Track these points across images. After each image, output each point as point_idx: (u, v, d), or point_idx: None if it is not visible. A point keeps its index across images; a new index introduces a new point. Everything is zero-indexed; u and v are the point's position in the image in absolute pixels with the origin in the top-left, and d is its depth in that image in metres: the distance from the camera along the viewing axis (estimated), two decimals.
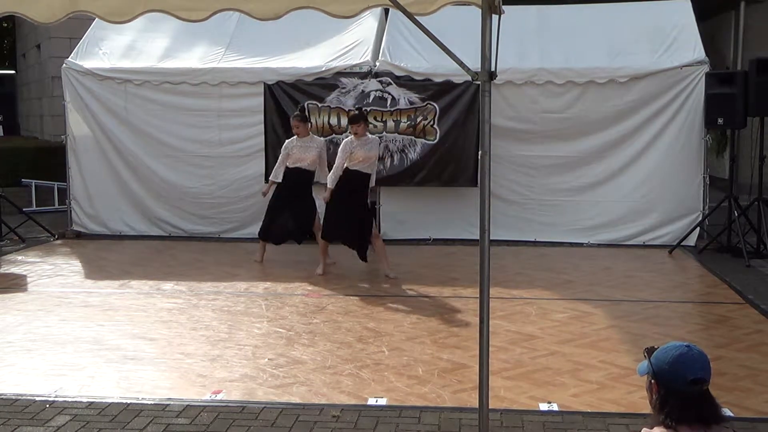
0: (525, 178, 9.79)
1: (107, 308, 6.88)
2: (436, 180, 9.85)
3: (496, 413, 4.42)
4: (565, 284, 7.78)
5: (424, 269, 8.46)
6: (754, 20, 12.98)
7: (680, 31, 9.85)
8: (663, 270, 8.54)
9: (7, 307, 6.90)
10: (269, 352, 5.64)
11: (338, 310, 6.81)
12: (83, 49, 10.49)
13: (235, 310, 6.87)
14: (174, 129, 10.20)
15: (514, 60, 9.55)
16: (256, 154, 10.02)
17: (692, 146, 9.53)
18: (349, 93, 9.79)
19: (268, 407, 4.62)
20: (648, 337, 5.91)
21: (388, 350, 5.68)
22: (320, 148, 8.43)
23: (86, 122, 10.36)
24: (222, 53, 10.24)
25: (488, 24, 3.64)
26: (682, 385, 2.40)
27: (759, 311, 6.75)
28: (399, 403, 4.69)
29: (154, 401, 4.72)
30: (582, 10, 10.52)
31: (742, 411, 4.54)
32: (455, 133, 9.72)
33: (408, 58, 9.83)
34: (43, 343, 5.86)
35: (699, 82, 9.38)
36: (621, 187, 9.67)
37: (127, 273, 8.27)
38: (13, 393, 4.85)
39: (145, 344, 5.85)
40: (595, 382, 5.03)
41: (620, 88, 9.51)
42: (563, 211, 9.77)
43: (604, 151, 9.65)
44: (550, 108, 9.65)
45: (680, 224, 9.54)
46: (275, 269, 8.43)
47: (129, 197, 10.42)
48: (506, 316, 6.57)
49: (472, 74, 3.67)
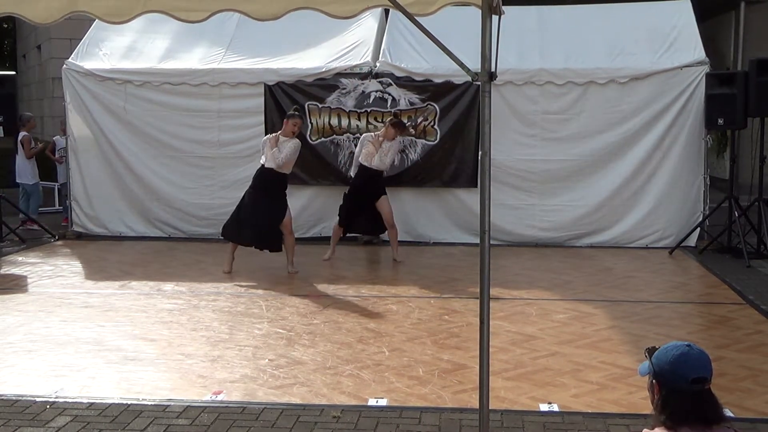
0: (525, 183, 9.77)
1: (107, 309, 6.88)
2: (437, 180, 9.85)
3: (497, 414, 4.42)
4: (565, 285, 7.78)
5: (424, 269, 8.46)
6: (754, 21, 12.99)
7: (680, 32, 9.85)
8: (663, 270, 8.54)
9: (8, 308, 6.90)
10: (270, 353, 5.64)
11: (338, 310, 6.80)
12: (83, 50, 10.50)
13: (236, 310, 6.87)
14: (174, 130, 10.20)
15: (515, 60, 9.55)
16: (257, 155, 9.98)
17: (693, 147, 9.53)
18: (350, 94, 9.79)
19: (269, 408, 4.62)
20: (648, 337, 5.90)
21: (389, 351, 5.68)
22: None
23: (86, 123, 10.37)
24: (222, 54, 10.24)
25: (488, 24, 3.63)
26: (684, 384, 2.39)
27: (759, 312, 6.74)
28: (399, 403, 4.69)
29: (155, 402, 4.72)
30: (582, 10, 10.52)
31: (743, 411, 4.53)
32: (455, 133, 9.72)
33: (408, 59, 9.83)
34: (43, 344, 5.86)
35: (699, 82, 9.38)
36: (621, 188, 9.64)
37: (128, 274, 8.28)
38: (14, 394, 4.85)
39: (145, 345, 5.84)
40: (595, 382, 5.02)
41: (620, 88, 9.51)
42: (564, 212, 9.76)
43: (604, 153, 9.63)
44: (550, 109, 9.65)
45: (681, 225, 9.53)
46: (276, 269, 8.42)
47: (129, 198, 10.42)
48: (507, 316, 6.57)
49: (472, 75, 3.67)
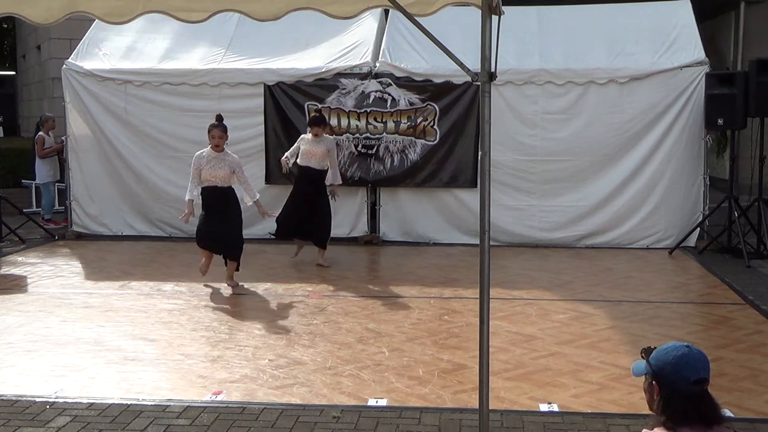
0: (525, 184, 9.77)
1: (107, 309, 6.87)
2: (436, 181, 9.85)
3: (497, 414, 4.42)
4: (565, 285, 7.78)
5: (424, 270, 8.46)
6: (754, 21, 12.98)
7: (680, 32, 9.85)
8: (663, 271, 8.53)
9: (8, 308, 6.90)
10: (269, 353, 5.64)
11: (339, 311, 6.80)
12: (83, 50, 10.50)
13: (236, 311, 6.87)
14: (174, 130, 10.20)
15: (514, 60, 9.55)
16: (257, 155, 10.02)
17: (692, 147, 9.53)
18: (350, 94, 9.79)
19: (269, 408, 4.62)
20: (648, 337, 5.91)
21: (389, 351, 5.68)
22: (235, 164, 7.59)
23: (86, 123, 10.37)
24: (222, 54, 10.24)
25: (488, 25, 3.63)
26: (686, 385, 2.40)
27: (759, 312, 6.74)
28: (399, 403, 4.69)
29: (155, 402, 4.72)
30: (582, 10, 10.52)
31: (743, 411, 4.54)
32: (455, 133, 9.72)
33: (408, 59, 9.83)
34: (43, 344, 5.86)
35: (699, 82, 9.38)
36: (621, 189, 9.64)
37: (128, 274, 8.27)
38: (14, 394, 4.85)
39: (145, 345, 5.84)
40: (595, 382, 5.03)
41: (620, 88, 9.51)
42: (564, 212, 9.75)
43: (604, 153, 9.62)
44: (550, 109, 9.65)
45: (681, 225, 9.53)
46: (276, 270, 8.42)
47: (129, 198, 10.42)
48: (507, 316, 6.57)
49: (472, 75, 3.67)
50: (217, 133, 7.47)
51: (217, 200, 7.50)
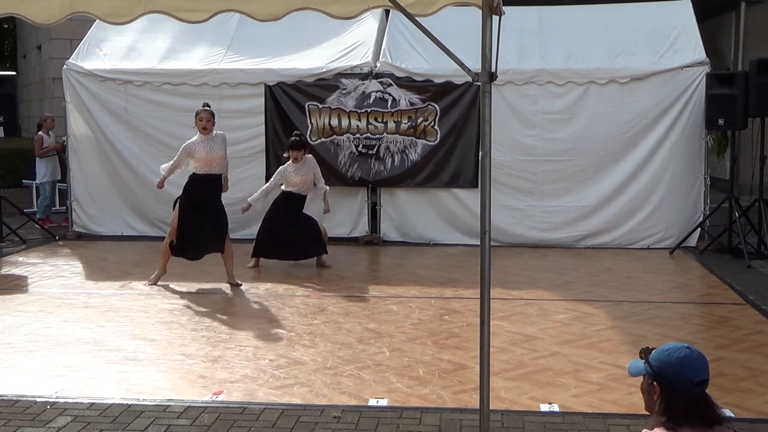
0: (526, 184, 9.77)
1: (108, 309, 6.88)
2: (437, 181, 9.86)
3: (497, 414, 4.42)
4: (565, 285, 7.78)
5: (424, 270, 8.46)
6: (755, 21, 12.98)
7: (681, 32, 9.85)
8: (664, 271, 8.53)
9: (8, 309, 6.90)
10: (270, 353, 5.64)
11: (339, 311, 6.80)
12: (84, 50, 10.50)
13: (236, 311, 6.86)
14: (174, 130, 10.17)
15: (515, 61, 9.56)
16: (257, 155, 10.03)
17: (693, 147, 9.53)
18: (350, 94, 9.79)
19: (269, 408, 4.62)
20: (649, 338, 5.90)
21: (389, 351, 5.68)
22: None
23: (87, 123, 10.37)
24: (223, 54, 10.24)
25: (488, 25, 3.64)
26: (688, 386, 2.40)
27: (760, 312, 6.74)
28: (400, 404, 4.69)
29: (155, 402, 4.72)
30: (582, 10, 10.53)
31: (743, 412, 4.54)
32: (456, 134, 9.73)
33: (408, 59, 9.83)
34: (43, 344, 5.86)
35: (700, 82, 9.38)
36: (621, 189, 9.64)
37: (128, 274, 8.27)
38: (14, 394, 4.84)
39: (145, 345, 5.84)
40: (595, 382, 5.03)
41: (621, 89, 9.52)
42: (564, 213, 9.75)
43: (604, 153, 9.63)
44: (550, 109, 9.65)
45: (681, 225, 9.53)
46: (276, 270, 8.42)
47: (129, 198, 10.42)
48: (507, 316, 6.57)
49: (473, 75, 3.67)
50: (205, 115, 7.45)
51: (210, 192, 7.54)
